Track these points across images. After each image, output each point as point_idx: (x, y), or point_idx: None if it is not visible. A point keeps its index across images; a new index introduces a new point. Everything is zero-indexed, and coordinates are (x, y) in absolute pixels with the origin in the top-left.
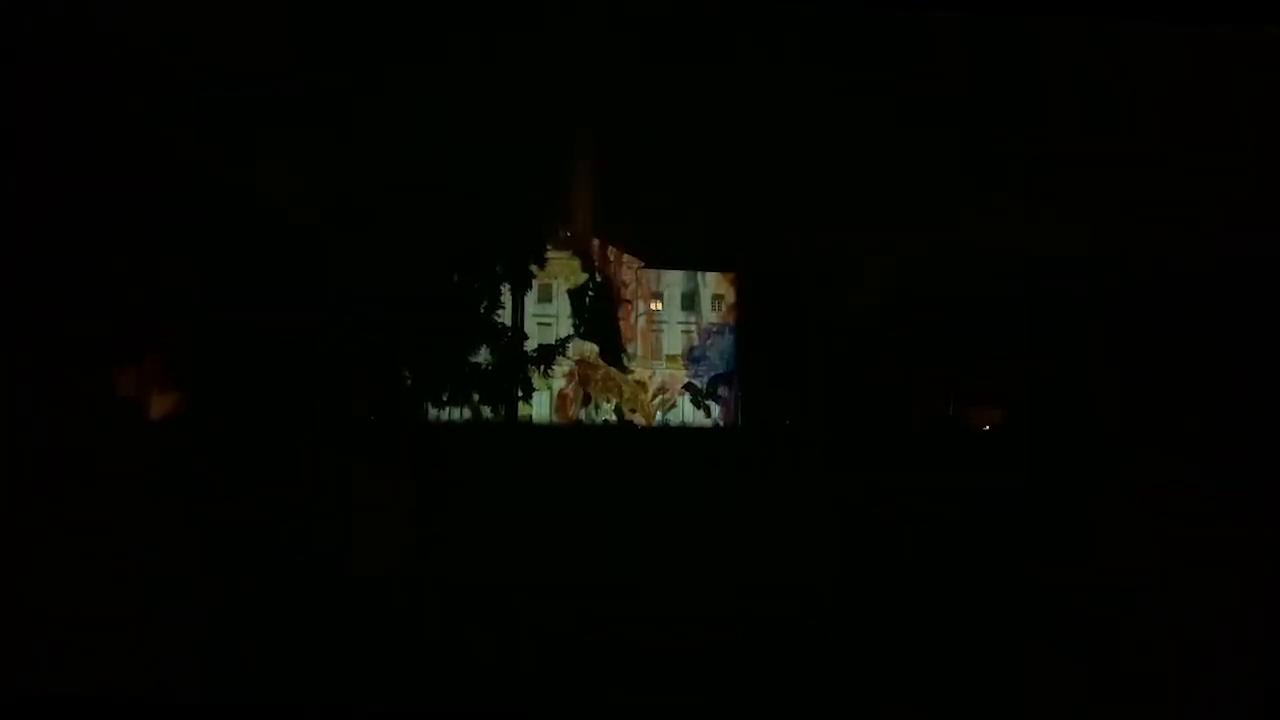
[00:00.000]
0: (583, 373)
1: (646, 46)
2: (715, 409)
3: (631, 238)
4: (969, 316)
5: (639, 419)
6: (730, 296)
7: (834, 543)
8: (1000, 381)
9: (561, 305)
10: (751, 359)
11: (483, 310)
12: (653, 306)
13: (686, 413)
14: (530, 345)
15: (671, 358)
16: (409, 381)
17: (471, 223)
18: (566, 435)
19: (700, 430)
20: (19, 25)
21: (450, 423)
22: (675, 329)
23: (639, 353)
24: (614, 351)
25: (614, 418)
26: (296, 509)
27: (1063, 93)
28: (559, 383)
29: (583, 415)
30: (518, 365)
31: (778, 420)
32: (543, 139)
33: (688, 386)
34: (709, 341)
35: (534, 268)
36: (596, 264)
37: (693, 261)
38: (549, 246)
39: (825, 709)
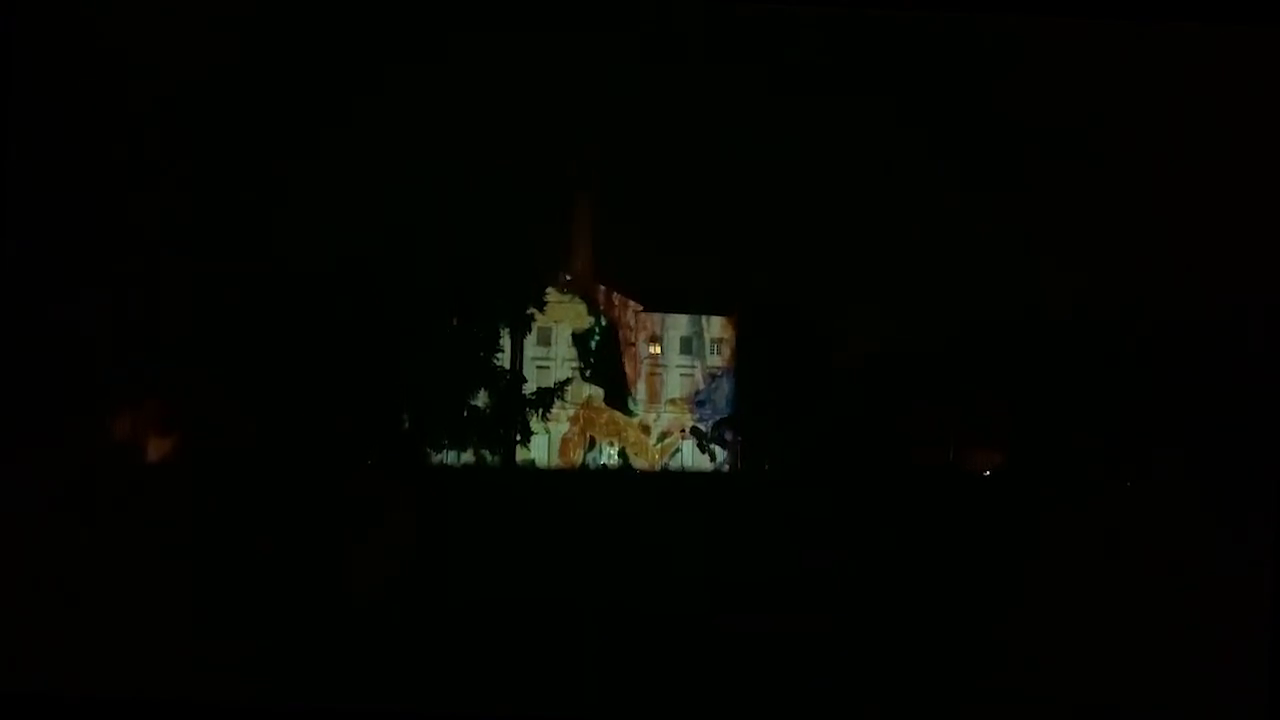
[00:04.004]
0: (586, 416)
1: (647, 78)
2: (720, 452)
3: (632, 281)
4: (977, 355)
5: (642, 463)
6: (732, 340)
7: (839, 585)
8: (1009, 420)
9: (560, 349)
10: (754, 402)
11: (481, 354)
12: (653, 350)
13: (689, 457)
14: (529, 388)
15: (673, 401)
16: (407, 425)
17: (470, 266)
18: (570, 479)
19: (703, 474)
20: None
21: (449, 466)
22: (675, 372)
23: (642, 396)
24: (618, 395)
25: (617, 461)
26: (291, 553)
27: (1090, 124)
28: (562, 426)
29: (587, 459)
30: (516, 409)
31: (780, 463)
32: (542, 180)
33: (692, 430)
34: (712, 385)
35: (533, 311)
36: (601, 307)
37: (694, 305)
38: (549, 289)
39: None
